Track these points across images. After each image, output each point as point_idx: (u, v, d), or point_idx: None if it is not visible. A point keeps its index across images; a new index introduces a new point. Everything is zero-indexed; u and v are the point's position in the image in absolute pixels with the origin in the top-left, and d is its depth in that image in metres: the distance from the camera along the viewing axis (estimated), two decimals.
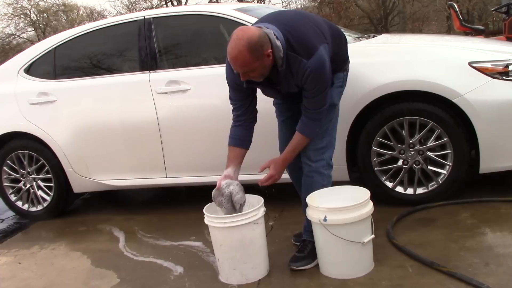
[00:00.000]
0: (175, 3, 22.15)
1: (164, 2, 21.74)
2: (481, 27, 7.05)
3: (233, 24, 3.36)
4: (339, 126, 3.03)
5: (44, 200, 3.91)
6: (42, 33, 24.45)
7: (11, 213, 4.21)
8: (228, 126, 2.51)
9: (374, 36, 3.84)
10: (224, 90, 3.26)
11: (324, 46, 2.25)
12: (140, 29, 3.57)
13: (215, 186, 2.52)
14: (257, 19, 3.31)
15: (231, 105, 2.55)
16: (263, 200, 2.47)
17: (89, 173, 3.75)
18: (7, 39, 24.16)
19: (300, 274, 2.41)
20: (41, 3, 24.15)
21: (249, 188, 3.73)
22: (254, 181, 3.39)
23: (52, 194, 3.87)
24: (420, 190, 3.03)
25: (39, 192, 3.91)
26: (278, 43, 2.20)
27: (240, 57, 2.14)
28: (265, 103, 2.65)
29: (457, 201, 2.99)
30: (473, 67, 2.83)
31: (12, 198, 4.01)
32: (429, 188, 3.01)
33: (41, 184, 3.90)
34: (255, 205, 2.42)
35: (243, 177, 3.36)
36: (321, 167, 2.47)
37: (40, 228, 3.81)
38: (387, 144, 3.03)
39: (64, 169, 3.78)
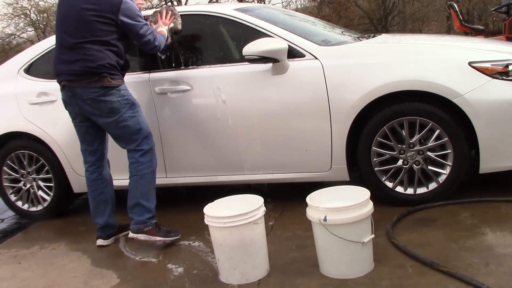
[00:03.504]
0: (175, 3, 22.15)
1: (164, 2, 21.73)
2: (481, 27, 7.05)
3: (233, 24, 3.37)
4: (339, 126, 3.04)
5: (44, 200, 3.91)
6: (42, 33, 24.43)
7: (11, 213, 4.21)
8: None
9: (374, 36, 3.84)
10: (224, 90, 3.28)
11: None
12: None
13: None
14: (257, 19, 3.34)
15: None
16: (263, 200, 2.46)
17: None
18: (7, 39, 24.13)
19: (300, 274, 2.41)
20: (41, 3, 24.12)
21: (249, 188, 3.75)
22: (255, 181, 3.41)
23: (52, 194, 3.87)
24: (420, 190, 3.03)
25: (39, 192, 3.91)
26: None
27: None
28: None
29: (457, 201, 2.99)
30: (473, 67, 2.83)
31: (12, 198, 4.00)
32: (429, 188, 3.02)
33: (41, 184, 3.90)
34: (255, 205, 2.41)
35: (242, 177, 3.39)
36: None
37: (40, 228, 3.80)
38: (387, 144, 3.03)
39: (64, 169, 3.77)
